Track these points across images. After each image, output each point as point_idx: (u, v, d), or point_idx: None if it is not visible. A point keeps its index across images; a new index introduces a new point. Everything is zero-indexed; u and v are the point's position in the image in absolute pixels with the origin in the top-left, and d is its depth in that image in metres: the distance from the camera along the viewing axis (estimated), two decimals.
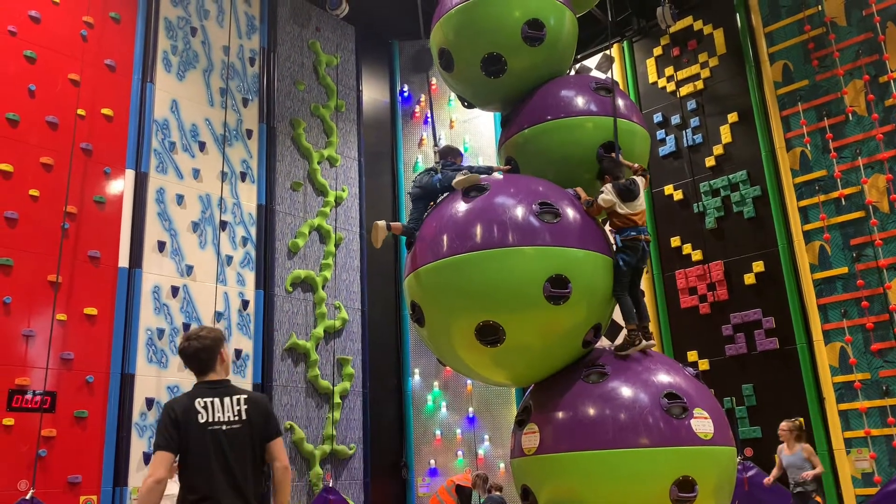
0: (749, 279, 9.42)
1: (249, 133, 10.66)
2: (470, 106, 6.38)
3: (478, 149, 12.17)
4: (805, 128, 9.26)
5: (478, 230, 4.63)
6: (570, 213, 4.74)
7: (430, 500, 11.03)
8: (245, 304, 9.93)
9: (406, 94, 13.29)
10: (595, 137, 5.35)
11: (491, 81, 5.67)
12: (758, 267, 9.38)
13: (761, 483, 7.98)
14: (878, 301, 8.40)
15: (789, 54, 9.61)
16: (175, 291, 9.13)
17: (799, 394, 8.73)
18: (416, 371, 11.88)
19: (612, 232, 5.06)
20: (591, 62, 11.63)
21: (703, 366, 9.48)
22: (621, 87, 9.20)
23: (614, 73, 5.76)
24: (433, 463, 11.40)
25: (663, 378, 4.53)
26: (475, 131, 12.53)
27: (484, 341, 4.60)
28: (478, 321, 4.56)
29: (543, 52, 5.57)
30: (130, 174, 9.02)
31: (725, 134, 10.03)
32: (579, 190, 5.04)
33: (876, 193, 8.62)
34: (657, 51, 10.96)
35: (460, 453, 11.31)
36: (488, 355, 4.70)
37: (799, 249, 9.06)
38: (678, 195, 10.31)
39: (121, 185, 8.94)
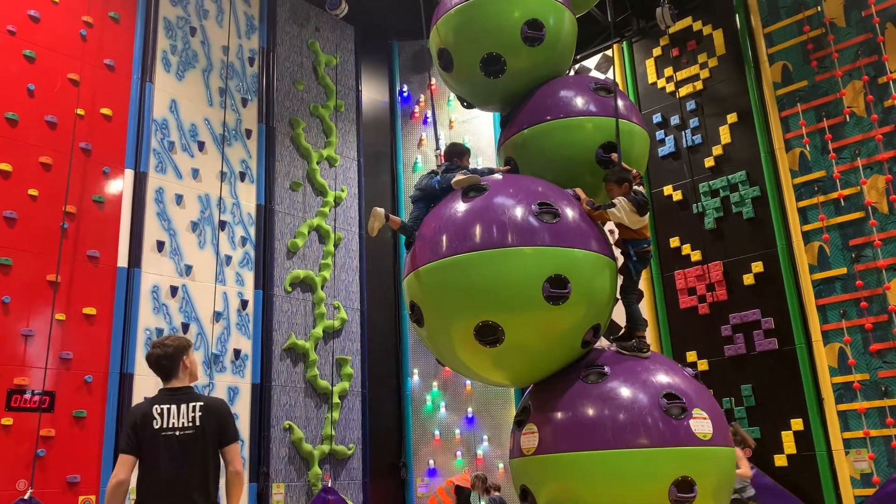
0: (748, 280, 9.42)
1: (249, 133, 10.66)
2: (469, 106, 6.38)
3: (477, 149, 12.15)
4: (804, 128, 9.26)
5: (477, 230, 4.62)
6: (570, 213, 4.74)
7: (428, 501, 11.03)
8: (244, 303, 9.93)
9: (405, 95, 13.29)
10: (595, 138, 5.34)
11: (490, 82, 5.67)
12: (757, 267, 9.38)
13: (760, 484, 7.98)
14: (878, 302, 8.41)
15: (788, 55, 9.61)
16: (174, 291, 9.13)
17: (798, 394, 8.73)
18: (415, 371, 11.87)
19: (617, 244, 5.05)
20: (591, 62, 11.70)
21: (702, 366, 9.48)
22: (620, 87, 9.20)
23: (614, 74, 5.77)
24: (432, 463, 11.39)
25: (662, 378, 4.53)
26: (475, 131, 12.52)
27: (483, 341, 4.60)
28: (477, 321, 4.55)
29: (543, 52, 5.57)
30: (129, 174, 9.02)
31: (725, 134, 10.03)
32: (578, 190, 5.03)
33: (875, 194, 8.63)
34: (656, 51, 10.96)
35: (459, 453, 11.30)
36: (487, 355, 4.70)
37: (798, 250, 9.06)
38: (677, 196, 10.31)
39: (120, 185, 8.94)
